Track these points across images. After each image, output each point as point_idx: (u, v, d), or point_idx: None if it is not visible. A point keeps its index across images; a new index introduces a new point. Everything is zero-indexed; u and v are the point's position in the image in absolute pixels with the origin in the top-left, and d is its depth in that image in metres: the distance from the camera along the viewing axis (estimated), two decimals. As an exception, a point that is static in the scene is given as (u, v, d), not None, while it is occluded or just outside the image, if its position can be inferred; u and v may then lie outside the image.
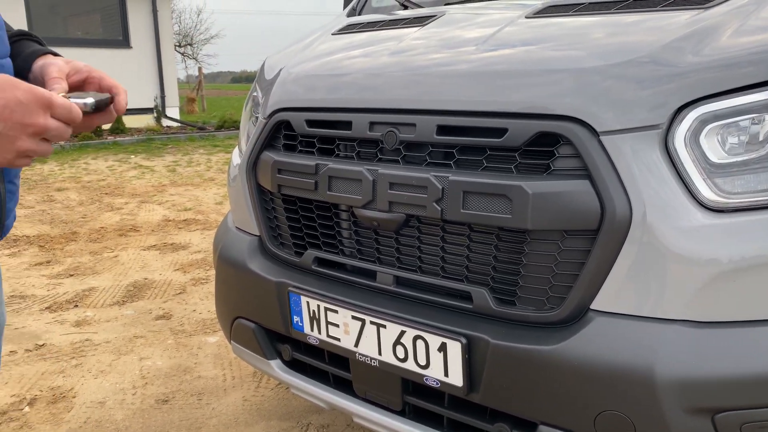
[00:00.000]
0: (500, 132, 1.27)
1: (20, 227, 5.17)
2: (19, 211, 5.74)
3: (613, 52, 1.27)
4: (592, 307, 1.22)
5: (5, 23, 1.06)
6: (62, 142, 10.28)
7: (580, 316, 1.23)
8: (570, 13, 1.50)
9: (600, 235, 1.17)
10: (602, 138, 1.18)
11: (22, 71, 1.00)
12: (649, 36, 1.28)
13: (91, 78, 1.00)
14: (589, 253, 1.19)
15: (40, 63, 1.00)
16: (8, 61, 0.94)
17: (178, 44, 27.91)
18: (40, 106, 0.74)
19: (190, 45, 30.52)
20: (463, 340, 1.30)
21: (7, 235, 4.85)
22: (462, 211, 1.27)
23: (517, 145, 1.24)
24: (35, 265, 4.21)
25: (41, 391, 2.52)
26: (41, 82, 0.96)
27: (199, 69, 24.61)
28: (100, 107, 0.93)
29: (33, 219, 5.48)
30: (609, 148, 1.17)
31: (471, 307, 1.34)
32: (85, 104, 0.89)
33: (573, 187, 1.18)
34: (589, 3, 1.54)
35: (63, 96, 0.84)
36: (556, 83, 1.26)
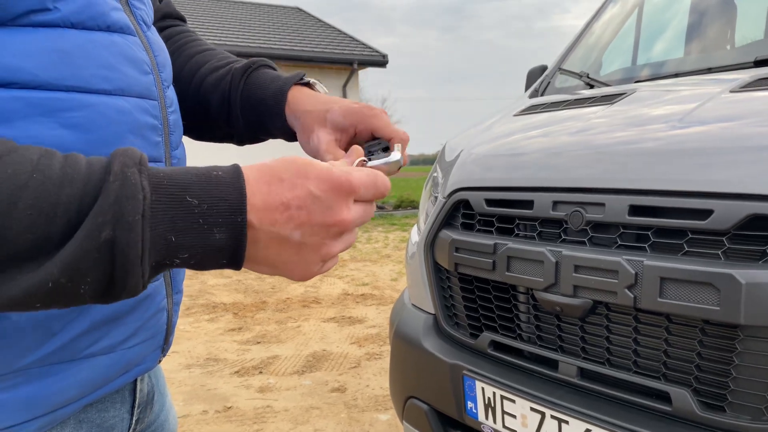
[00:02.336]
0: (704, 214, 1.14)
1: (219, 295, 5.70)
2: (218, 280, 6.36)
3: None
4: (828, 423, 1.01)
5: (214, 54, 0.90)
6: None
7: (812, 433, 1.02)
8: (785, 83, 1.35)
9: (837, 336, 0.98)
10: (835, 222, 1.01)
11: (274, 117, 0.81)
12: None
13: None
14: (823, 358, 1.00)
15: (302, 108, 0.80)
16: (181, 151, 0.75)
17: (363, 130, 29.92)
18: (341, 196, 0.55)
19: (374, 130, 32.62)
20: (661, 448, 1.14)
21: (208, 302, 5.34)
22: (659, 299, 1.15)
23: (726, 229, 1.11)
24: (229, 330, 4.58)
25: (225, 451, 2.67)
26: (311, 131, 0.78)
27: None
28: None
29: (230, 288, 6.02)
30: None
31: (669, 409, 1.19)
32: (387, 163, 0.70)
33: (798, 277, 1.02)
34: (809, 72, 1.37)
35: (362, 162, 0.66)
36: (770, 160, 1.12)
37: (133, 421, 0.76)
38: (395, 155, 0.70)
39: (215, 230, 0.50)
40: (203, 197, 0.49)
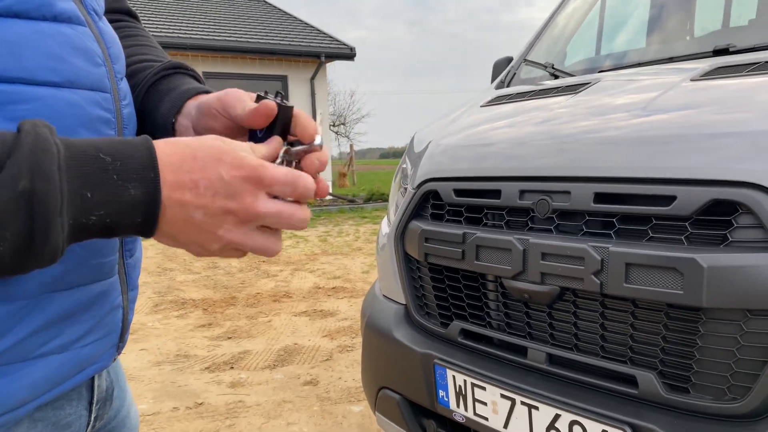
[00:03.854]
0: (667, 200, 1.17)
1: (188, 291, 5.63)
2: (187, 276, 6.28)
3: (800, 112, 1.14)
4: (786, 400, 1.04)
5: (153, 55, 0.85)
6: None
7: (771, 410, 1.06)
8: (744, 73, 1.39)
9: (794, 316, 1.02)
10: (791, 206, 1.04)
11: (165, 122, 0.76)
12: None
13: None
14: (781, 337, 1.03)
15: (195, 102, 0.75)
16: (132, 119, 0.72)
17: (332, 124, 29.87)
18: (248, 185, 0.55)
19: (343, 124, 32.56)
20: (628, 430, 1.17)
21: (177, 298, 5.27)
22: (625, 285, 1.17)
23: (688, 214, 1.13)
24: (199, 326, 4.53)
25: (197, 448, 2.64)
26: (204, 126, 0.73)
27: (351, 146, 26.07)
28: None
29: (199, 284, 5.95)
30: (800, 217, 1.03)
31: (636, 392, 1.21)
32: (311, 146, 0.65)
33: (757, 260, 1.04)
34: (766, 62, 1.41)
35: (288, 149, 0.63)
36: (731, 147, 1.15)
37: (92, 418, 0.74)
38: (317, 139, 0.66)
39: (129, 186, 0.51)
40: (115, 155, 0.51)
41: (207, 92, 0.77)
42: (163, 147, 0.54)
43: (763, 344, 1.06)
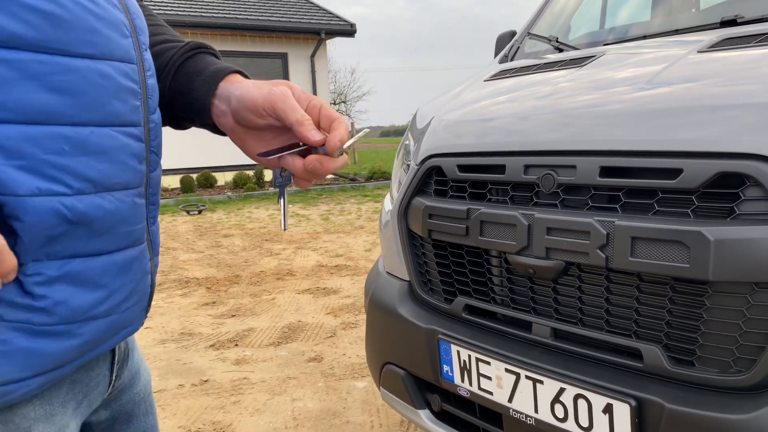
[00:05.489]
0: (674, 173, 1.16)
1: (191, 270, 5.65)
2: (190, 255, 6.30)
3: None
4: (792, 373, 1.05)
5: (169, 34, 0.84)
6: (229, 193, 11.25)
7: (776, 382, 1.06)
8: (752, 44, 1.36)
9: (800, 288, 1.01)
10: (800, 178, 1.03)
11: (204, 104, 0.78)
12: None
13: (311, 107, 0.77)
14: (787, 310, 1.03)
15: (235, 90, 0.77)
16: (157, 116, 0.73)
17: (333, 102, 29.72)
18: None
19: (344, 102, 32.37)
20: (633, 402, 1.17)
21: (180, 277, 5.29)
22: (630, 259, 1.17)
23: (695, 187, 1.12)
24: (203, 305, 4.55)
25: (204, 424, 2.67)
26: (247, 121, 0.76)
27: (352, 124, 25.94)
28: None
29: (202, 263, 5.97)
30: (809, 189, 1.02)
31: (641, 365, 1.22)
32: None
33: (764, 233, 1.04)
34: (774, 32, 1.39)
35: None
36: (737, 119, 1.14)
37: (113, 378, 0.79)
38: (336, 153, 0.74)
39: None
40: None
41: (235, 71, 0.80)
42: None
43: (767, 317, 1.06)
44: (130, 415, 0.85)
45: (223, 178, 12.79)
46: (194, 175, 12.08)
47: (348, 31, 14.42)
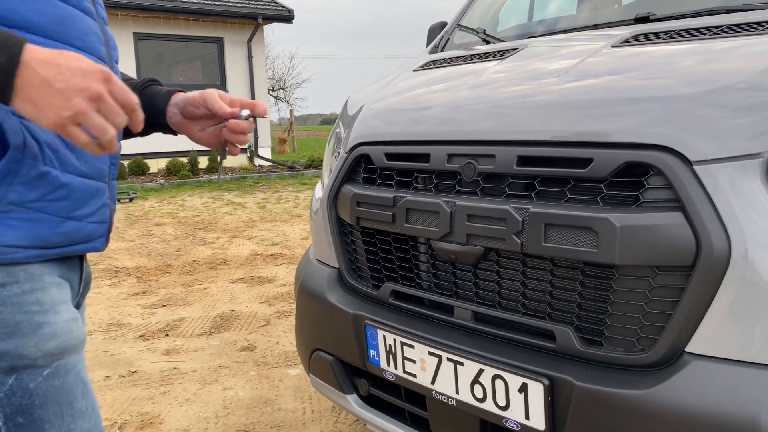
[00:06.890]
0: (585, 162, 1.21)
1: (121, 259, 5.49)
2: (120, 245, 6.11)
3: (707, 80, 1.19)
4: (687, 349, 1.12)
5: (129, 76, 1.26)
6: (162, 181, 10.94)
7: (674, 359, 1.14)
8: (660, 41, 1.44)
9: (695, 271, 1.09)
10: (696, 168, 1.10)
11: (163, 108, 1.19)
12: (746, 62, 1.20)
13: (232, 102, 1.18)
14: (684, 291, 1.10)
15: (180, 97, 1.19)
16: None
17: (271, 88, 29.24)
18: (100, 77, 0.79)
19: (283, 89, 31.88)
20: (546, 382, 1.23)
21: (110, 266, 5.12)
22: (543, 244, 1.22)
23: (604, 176, 1.19)
24: (132, 295, 4.43)
25: (131, 416, 2.61)
26: (188, 112, 1.17)
27: (291, 111, 25.63)
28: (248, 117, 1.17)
29: (132, 252, 5.80)
30: (704, 179, 1.09)
31: (554, 346, 1.28)
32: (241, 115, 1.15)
33: (664, 219, 1.11)
34: (681, 30, 1.47)
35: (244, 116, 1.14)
36: (645, 112, 1.20)
37: (80, 290, 1.04)
38: (246, 111, 1.16)
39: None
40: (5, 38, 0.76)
41: (182, 91, 1.21)
42: (36, 47, 0.78)
43: (668, 298, 1.13)
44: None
45: (156, 165, 12.42)
46: (126, 162, 11.68)
47: (286, 16, 14.21)
